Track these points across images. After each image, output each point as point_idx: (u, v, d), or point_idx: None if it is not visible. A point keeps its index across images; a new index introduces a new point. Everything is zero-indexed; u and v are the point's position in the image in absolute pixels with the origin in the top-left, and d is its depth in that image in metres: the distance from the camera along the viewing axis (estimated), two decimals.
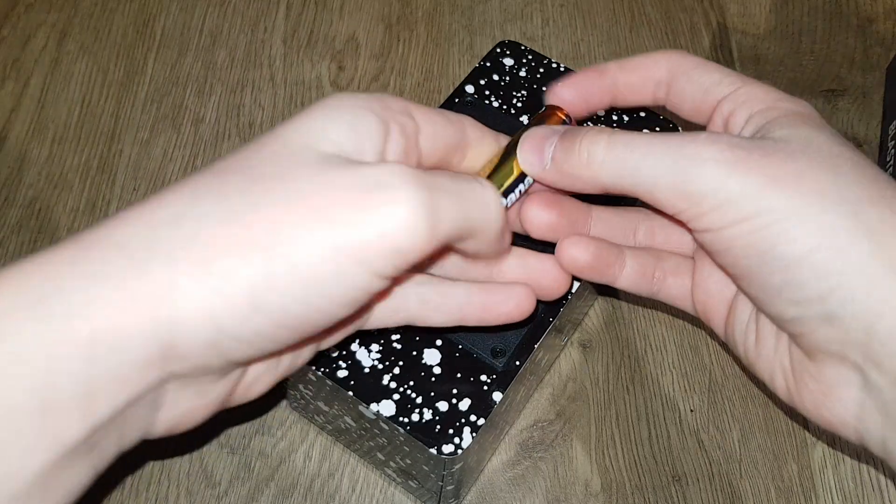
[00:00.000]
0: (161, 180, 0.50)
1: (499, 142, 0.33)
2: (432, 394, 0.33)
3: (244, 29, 0.57)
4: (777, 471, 0.41)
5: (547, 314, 0.35)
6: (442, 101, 0.43)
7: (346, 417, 0.36)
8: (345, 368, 0.33)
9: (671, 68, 0.33)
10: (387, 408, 0.32)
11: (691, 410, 0.43)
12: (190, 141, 0.52)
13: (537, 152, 0.32)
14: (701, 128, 0.33)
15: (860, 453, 0.42)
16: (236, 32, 0.57)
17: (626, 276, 0.34)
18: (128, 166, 0.51)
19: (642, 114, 0.42)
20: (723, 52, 0.56)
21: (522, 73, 0.42)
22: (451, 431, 0.32)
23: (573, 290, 0.36)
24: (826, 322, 0.27)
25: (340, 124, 0.26)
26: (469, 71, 0.54)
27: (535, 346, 0.34)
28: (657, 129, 0.41)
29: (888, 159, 0.49)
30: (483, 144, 0.32)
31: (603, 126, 0.34)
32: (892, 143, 0.50)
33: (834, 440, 0.42)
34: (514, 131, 0.40)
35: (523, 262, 0.33)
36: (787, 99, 0.30)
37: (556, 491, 0.41)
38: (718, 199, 0.27)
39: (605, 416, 0.42)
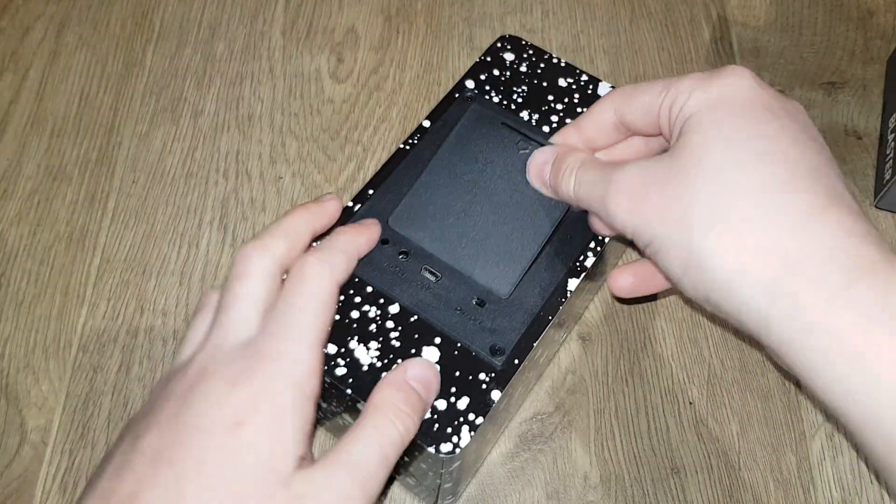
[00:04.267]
0: (160, 173, 0.50)
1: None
2: None
3: (243, 21, 0.57)
4: (776, 463, 0.41)
5: (546, 312, 0.35)
6: (442, 95, 0.43)
7: (344, 415, 0.36)
8: (343, 366, 0.33)
9: (616, 107, 0.36)
10: None
11: (690, 403, 0.43)
12: (189, 133, 0.52)
13: (538, 177, 0.38)
14: None
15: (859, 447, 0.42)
16: (235, 24, 0.56)
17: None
18: (126, 158, 0.51)
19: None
20: (723, 45, 0.56)
21: (523, 69, 0.42)
22: (449, 430, 0.32)
23: (572, 288, 0.36)
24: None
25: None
26: (468, 63, 0.54)
27: (535, 344, 0.34)
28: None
29: (888, 152, 0.49)
30: None
31: (580, 153, 0.37)
32: (892, 135, 0.49)
33: (832, 433, 0.42)
34: (514, 126, 0.40)
35: None
36: (704, 83, 0.32)
37: (555, 483, 0.41)
38: (628, 232, 0.33)
39: (605, 409, 0.43)
